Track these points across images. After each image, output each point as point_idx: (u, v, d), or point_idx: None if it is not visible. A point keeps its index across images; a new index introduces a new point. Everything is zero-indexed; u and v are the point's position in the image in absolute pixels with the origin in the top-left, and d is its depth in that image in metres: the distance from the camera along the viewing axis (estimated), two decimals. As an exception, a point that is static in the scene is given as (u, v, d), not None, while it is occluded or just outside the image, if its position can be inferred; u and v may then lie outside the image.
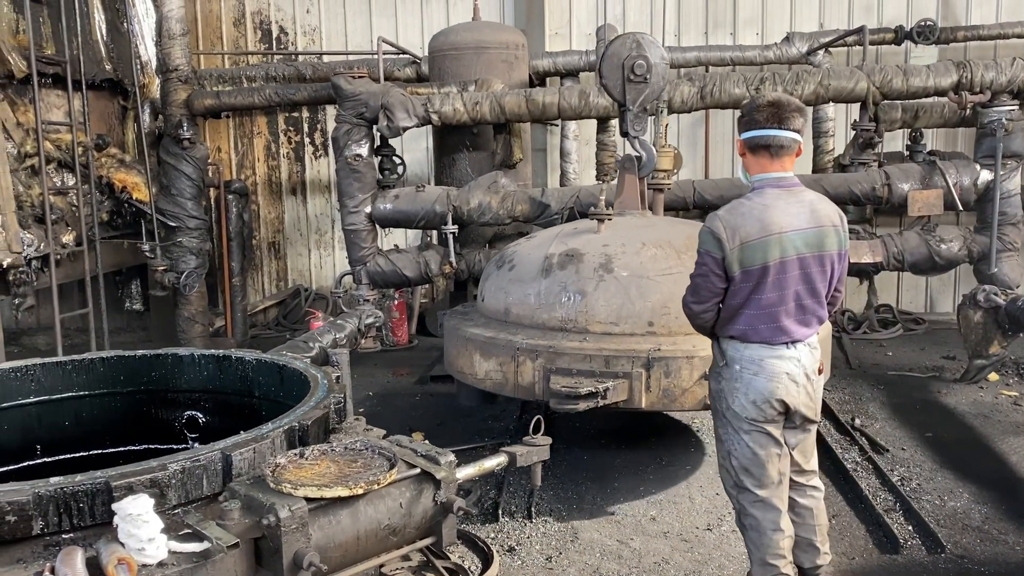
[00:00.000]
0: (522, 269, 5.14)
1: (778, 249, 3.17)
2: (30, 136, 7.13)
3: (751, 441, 3.31)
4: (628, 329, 4.64)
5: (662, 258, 4.77)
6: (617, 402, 4.45)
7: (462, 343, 5.21)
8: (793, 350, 3.24)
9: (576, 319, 4.75)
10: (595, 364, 4.54)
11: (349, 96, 7.20)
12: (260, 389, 4.46)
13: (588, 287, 4.75)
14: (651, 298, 4.64)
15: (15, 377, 4.40)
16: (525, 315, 4.97)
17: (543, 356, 4.67)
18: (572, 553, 4.22)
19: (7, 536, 2.63)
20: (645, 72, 5.33)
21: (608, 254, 4.83)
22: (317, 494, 2.44)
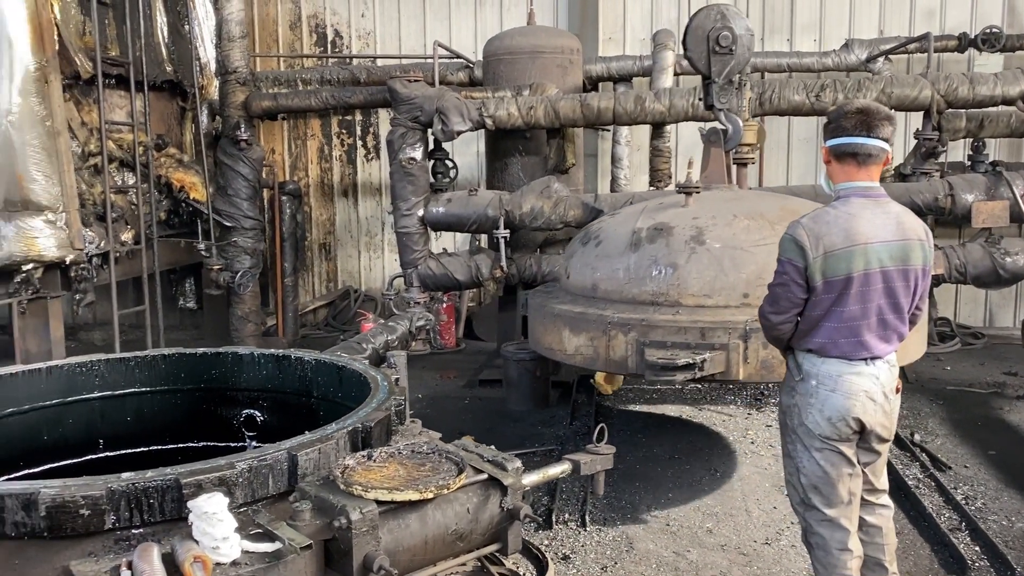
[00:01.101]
0: (609, 244, 5.12)
1: (863, 260, 3.07)
2: (94, 135, 7.28)
3: (822, 459, 3.21)
4: (722, 301, 4.58)
5: (755, 229, 4.70)
6: (714, 374, 4.42)
7: (550, 320, 5.20)
8: (872, 367, 3.14)
9: (668, 292, 4.70)
10: (690, 336, 4.48)
11: (404, 100, 7.24)
12: (319, 389, 4.49)
13: (679, 260, 4.70)
14: (745, 269, 4.57)
15: (80, 372, 4.47)
16: (614, 290, 4.93)
17: (636, 330, 4.63)
18: (628, 563, 4.17)
19: (80, 530, 2.67)
20: (730, 43, 5.28)
21: (699, 226, 4.79)
22: (388, 497, 2.43)
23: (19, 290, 6.70)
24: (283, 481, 2.90)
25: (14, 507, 2.63)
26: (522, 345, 7.29)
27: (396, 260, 10.27)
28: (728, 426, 6.22)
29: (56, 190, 6.65)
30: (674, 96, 7.13)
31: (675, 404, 6.80)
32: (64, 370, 4.43)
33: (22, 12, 6.45)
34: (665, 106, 7.09)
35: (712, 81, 5.37)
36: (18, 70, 6.46)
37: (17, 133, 6.48)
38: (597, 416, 6.46)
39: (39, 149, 6.56)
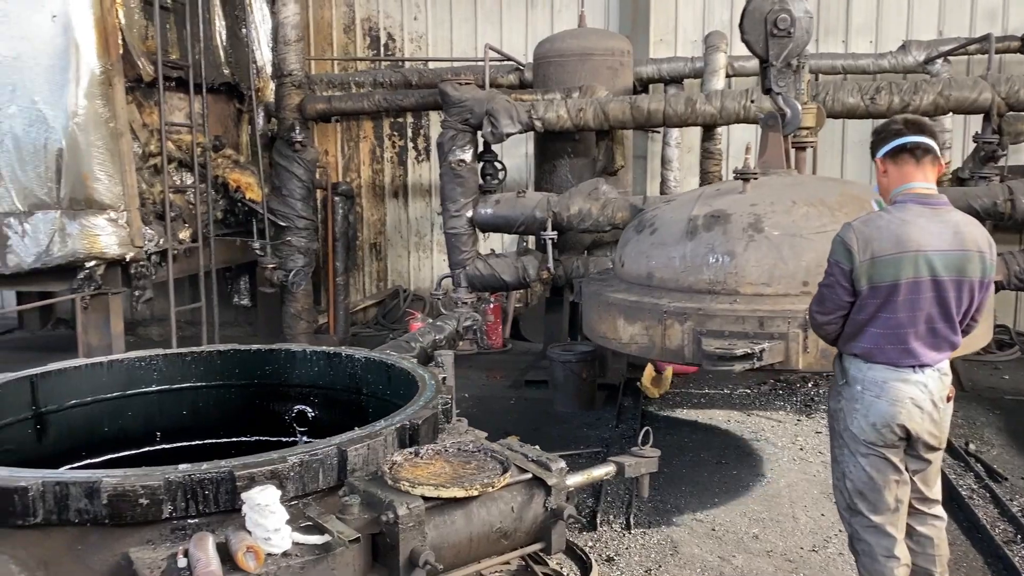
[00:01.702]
0: (664, 232, 5.04)
1: (912, 268, 3.03)
2: (154, 137, 7.50)
3: (868, 465, 3.19)
4: (781, 290, 4.49)
5: (815, 216, 4.60)
6: (773, 363, 4.33)
7: (604, 308, 5.16)
8: (920, 375, 3.10)
9: (725, 281, 4.61)
10: (748, 326, 4.40)
11: (455, 102, 7.31)
12: (368, 387, 4.57)
13: (737, 248, 4.61)
14: (805, 257, 4.47)
15: (140, 366, 4.62)
16: (670, 278, 4.86)
17: (692, 319, 4.56)
18: (672, 567, 4.17)
19: (139, 518, 2.76)
20: (788, 26, 5.22)
21: (757, 213, 4.69)
22: (434, 493, 2.48)
23: (82, 286, 6.94)
24: (332, 476, 2.98)
25: (78, 495, 2.73)
26: (569, 347, 7.31)
27: (445, 260, 10.38)
28: (777, 432, 6.16)
29: (118, 189, 6.88)
30: (725, 98, 7.08)
31: (723, 409, 6.75)
32: (124, 364, 4.58)
33: (89, 18, 6.69)
34: (716, 108, 7.04)
35: (770, 64, 5.30)
36: (84, 74, 6.70)
37: (83, 134, 6.72)
38: (643, 419, 6.45)
39: (103, 150, 6.80)
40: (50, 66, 6.68)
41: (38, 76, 6.70)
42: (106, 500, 2.72)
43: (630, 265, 5.25)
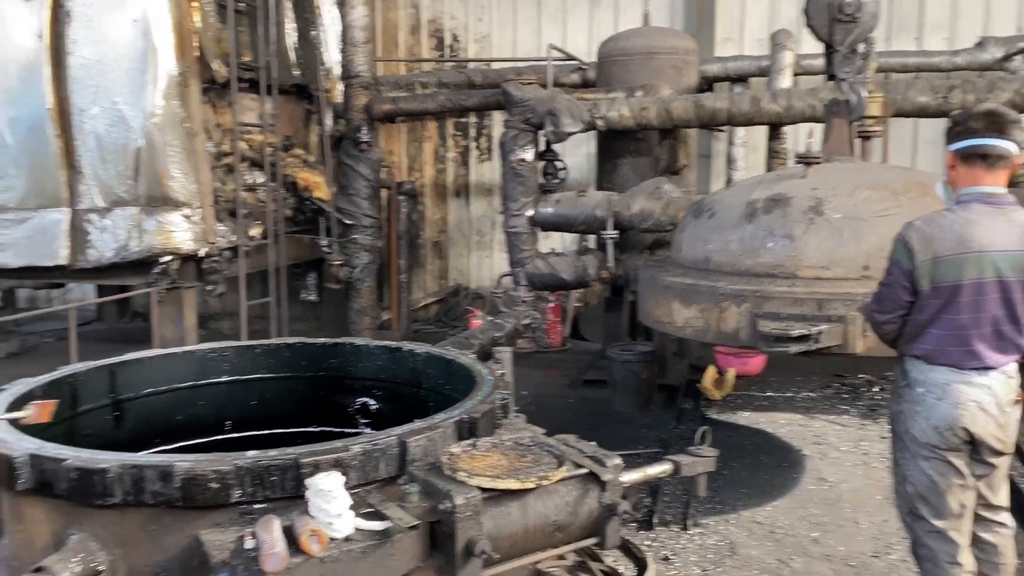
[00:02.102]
0: (723, 216, 4.99)
1: (975, 268, 2.97)
2: (227, 136, 7.74)
3: (930, 468, 3.14)
4: (841, 273, 4.41)
5: (878, 199, 4.50)
6: (831, 347, 4.26)
7: (660, 292, 5.14)
8: (985, 377, 3.03)
9: (784, 264, 4.55)
10: (806, 308, 4.33)
11: (518, 102, 7.37)
12: (428, 381, 4.66)
13: (797, 231, 4.54)
14: (866, 240, 4.38)
15: (212, 358, 4.79)
16: (727, 262, 4.81)
17: (749, 301, 4.51)
18: (729, 568, 4.15)
19: (209, 502, 2.89)
20: (854, 10, 5.11)
21: (818, 197, 4.61)
22: (490, 484, 2.54)
23: (157, 280, 7.21)
24: (393, 465, 3.06)
25: (153, 477, 2.87)
26: (628, 346, 7.31)
27: (505, 259, 10.46)
28: (841, 436, 6.06)
29: (193, 187, 7.13)
30: (792, 97, 6.98)
31: (786, 412, 6.67)
32: (197, 355, 4.76)
33: (167, 22, 6.95)
34: (783, 107, 6.95)
35: (835, 50, 5.18)
36: (162, 76, 6.97)
37: (160, 134, 6.98)
38: (703, 421, 6.42)
39: (179, 149, 7.05)
40: (130, 68, 6.96)
41: (119, 78, 6.99)
42: (179, 483, 2.85)
43: (687, 249, 5.21)
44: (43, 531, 3.13)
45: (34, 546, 3.16)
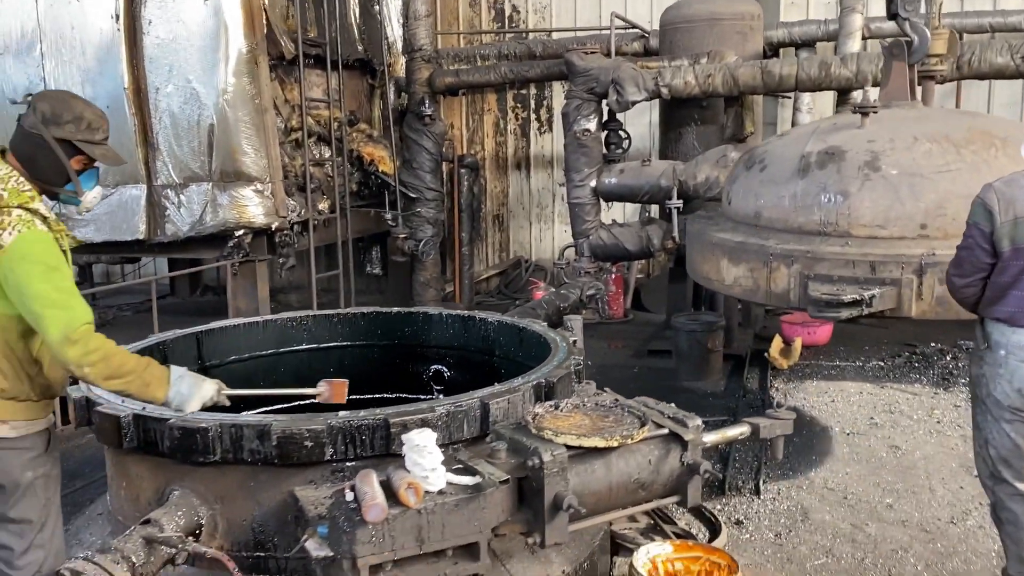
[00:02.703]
0: (775, 169, 4.82)
1: None
2: (295, 112, 7.90)
3: (1012, 431, 3.13)
4: (897, 232, 4.24)
5: (938, 153, 4.29)
6: (883, 311, 4.14)
7: (708, 248, 5.05)
8: None
9: (837, 222, 4.38)
10: (859, 270, 4.19)
11: (581, 72, 7.36)
12: (500, 349, 4.75)
13: (851, 187, 4.36)
14: (924, 198, 4.21)
15: (292, 326, 4.96)
16: (778, 218, 4.66)
17: (799, 261, 4.39)
18: (802, 532, 4.17)
19: (304, 459, 3.03)
20: None
21: (874, 151, 4.41)
22: (576, 442, 2.61)
23: (231, 253, 7.43)
24: (476, 426, 3.17)
25: (251, 436, 3.02)
26: (694, 316, 7.30)
27: (565, 231, 10.49)
28: (912, 404, 5.99)
29: (264, 162, 7.30)
30: (862, 61, 6.84)
31: (855, 381, 6.60)
32: (278, 324, 4.93)
33: (237, 0, 7.09)
34: (852, 72, 6.82)
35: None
36: (233, 53, 7.13)
37: (231, 111, 7.16)
38: (771, 389, 6.40)
39: (250, 125, 7.22)
40: (202, 46, 7.14)
41: (191, 56, 7.18)
42: (275, 442, 2.99)
43: (737, 203, 5.05)
44: (147, 487, 3.31)
45: (139, 501, 3.35)
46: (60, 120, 2.54)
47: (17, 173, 2.53)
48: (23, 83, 7.64)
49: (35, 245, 2.44)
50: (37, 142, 2.54)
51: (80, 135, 2.57)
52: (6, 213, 2.43)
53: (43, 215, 2.51)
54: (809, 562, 3.90)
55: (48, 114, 2.55)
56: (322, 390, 3.15)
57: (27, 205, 2.47)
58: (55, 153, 2.54)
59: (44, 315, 2.41)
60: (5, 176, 2.49)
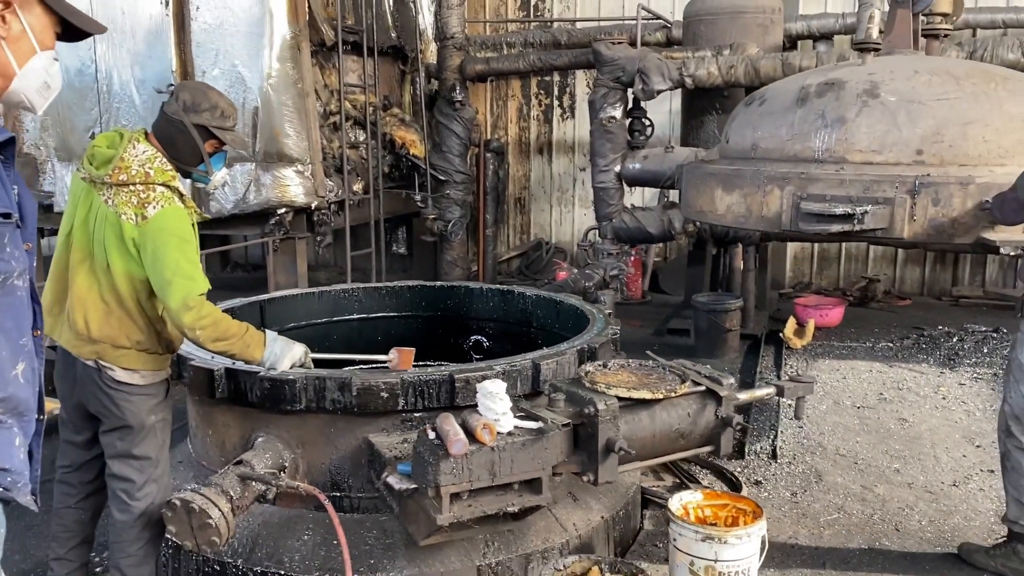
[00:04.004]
0: (774, 102, 4.84)
1: None
2: (333, 96, 8.24)
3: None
4: (892, 158, 4.26)
5: (937, 83, 4.32)
6: (875, 229, 4.14)
7: (702, 180, 5.04)
8: None
9: (833, 148, 4.37)
10: (852, 189, 4.20)
11: (608, 61, 7.67)
12: (537, 321, 5.13)
13: (849, 113, 4.37)
14: (922, 124, 4.23)
15: (343, 297, 5.34)
16: (775, 148, 4.66)
17: (793, 183, 4.39)
18: (816, 492, 4.54)
19: (380, 409, 3.41)
20: None
21: (874, 80, 4.43)
22: (626, 394, 2.98)
23: (273, 231, 7.80)
24: (528, 384, 3.55)
25: (332, 387, 3.40)
26: (713, 296, 7.65)
27: (585, 215, 10.83)
28: (919, 382, 6.33)
29: (304, 144, 7.65)
30: (878, 55, 7.13)
31: (865, 361, 6.94)
32: (332, 295, 5.32)
33: (281, -12, 7.43)
34: (868, 65, 7.11)
35: None
36: (277, 39, 7.47)
37: (275, 94, 7.51)
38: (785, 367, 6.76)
39: (292, 109, 7.57)
40: (248, 32, 7.48)
41: (237, 41, 7.52)
42: (355, 392, 3.37)
43: (735, 139, 5.07)
44: (233, 434, 3.70)
45: (224, 447, 3.74)
46: (199, 108, 2.92)
47: (160, 154, 2.90)
48: (75, 65, 8.01)
49: (174, 220, 2.83)
50: (178, 127, 2.92)
51: (215, 122, 2.94)
52: (152, 189, 2.81)
53: (181, 193, 2.89)
54: (823, 516, 4.27)
55: (189, 102, 2.92)
56: (392, 357, 3.53)
57: (169, 183, 2.85)
58: (193, 137, 2.91)
59: (173, 282, 2.79)
60: (152, 156, 2.87)
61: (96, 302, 2.90)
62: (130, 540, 3.10)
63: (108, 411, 2.97)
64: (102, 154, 2.89)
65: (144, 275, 2.87)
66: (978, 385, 6.26)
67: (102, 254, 2.86)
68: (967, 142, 4.20)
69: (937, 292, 9.74)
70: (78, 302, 2.91)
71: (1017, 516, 3.59)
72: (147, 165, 2.85)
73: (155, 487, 3.10)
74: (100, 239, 2.86)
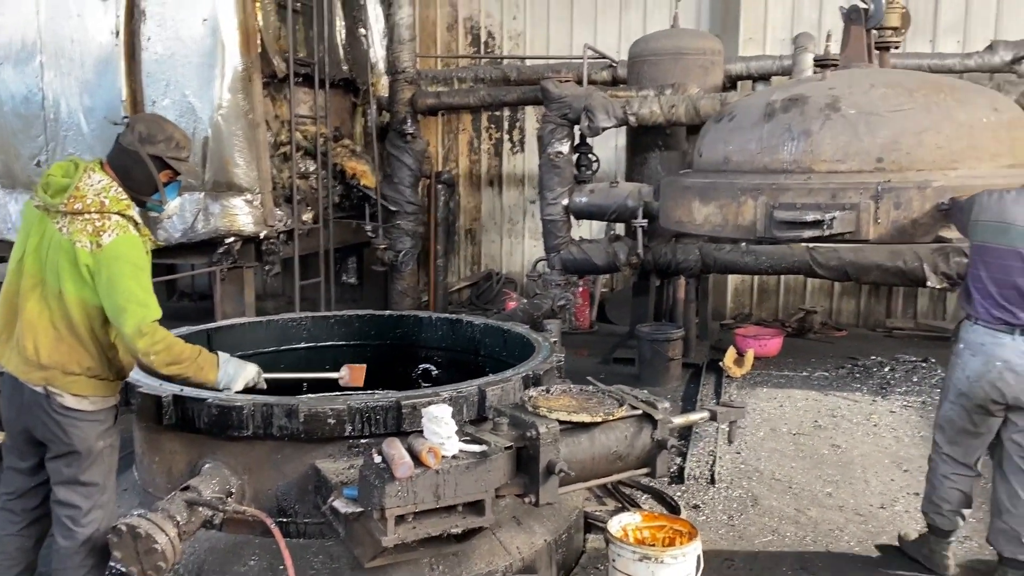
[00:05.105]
0: (742, 118, 5.17)
1: (1005, 236, 3.56)
2: (284, 127, 8.32)
3: (951, 409, 3.85)
4: (855, 166, 4.57)
5: (892, 96, 4.67)
6: (843, 233, 4.43)
7: (679, 193, 5.35)
8: (1016, 340, 3.56)
9: (800, 159, 4.69)
10: (821, 197, 4.51)
11: (556, 98, 7.90)
12: (485, 349, 5.24)
13: (813, 127, 4.68)
14: (880, 134, 4.56)
15: (291, 326, 5.40)
16: (745, 161, 4.96)
17: (766, 193, 4.70)
18: (752, 515, 4.71)
19: (326, 435, 3.48)
20: None
21: (835, 95, 4.76)
22: (567, 418, 3.11)
23: (220, 260, 7.80)
24: (474, 410, 3.65)
25: (280, 414, 3.47)
26: (656, 327, 7.86)
27: (534, 246, 11.02)
28: (853, 410, 6.59)
29: (254, 174, 7.69)
30: (812, 97, 7.47)
31: (802, 389, 7.20)
32: (279, 324, 5.37)
33: (234, 20, 7.50)
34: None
35: None
36: (229, 70, 7.53)
37: (226, 124, 7.55)
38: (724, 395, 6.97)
39: (242, 139, 7.61)
40: (199, 63, 7.52)
41: (189, 72, 7.56)
42: (302, 419, 3.44)
43: (707, 153, 5.38)
44: (180, 461, 3.73)
45: (171, 474, 3.77)
46: (155, 139, 3.00)
47: (115, 184, 2.97)
48: (22, 91, 7.97)
49: (129, 247, 2.89)
50: (133, 158, 2.99)
51: (170, 152, 3.03)
52: (107, 218, 2.88)
53: (136, 221, 2.96)
54: (758, 539, 4.43)
55: (145, 134, 3.00)
56: (344, 373, 3.61)
57: (124, 212, 2.92)
58: (148, 167, 2.99)
59: (127, 308, 2.85)
60: (107, 186, 2.94)
61: (47, 328, 2.94)
62: (74, 567, 3.11)
63: (56, 437, 3.00)
64: (57, 183, 2.95)
65: (97, 302, 2.92)
66: (908, 412, 6.54)
67: (55, 281, 2.91)
68: (922, 149, 4.54)
69: (871, 323, 10.11)
70: (28, 328, 2.95)
71: (927, 509, 4.05)
72: (102, 194, 2.91)
73: (101, 513, 3.12)
74: (53, 266, 2.91)
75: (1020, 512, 3.72)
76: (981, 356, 3.64)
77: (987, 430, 3.79)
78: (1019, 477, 3.71)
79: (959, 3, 9.64)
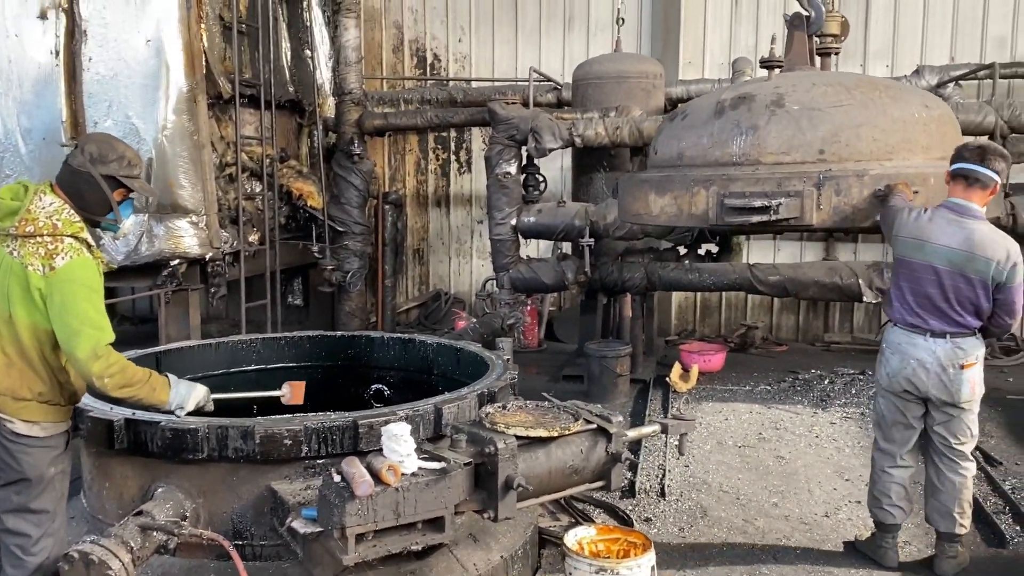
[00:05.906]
0: (694, 116, 5.43)
1: (921, 253, 3.95)
2: (229, 148, 8.25)
3: (882, 404, 4.23)
4: (799, 158, 4.90)
5: (832, 93, 5.00)
6: (788, 218, 4.75)
7: (637, 186, 5.63)
8: (929, 342, 3.96)
9: (748, 152, 5.00)
10: (767, 186, 4.84)
11: (503, 120, 8.02)
12: (439, 368, 5.27)
13: (760, 122, 5.00)
14: (822, 128, 4.88)
15: (241, 348, 5.36)
16: (698, 155, 5.26)
17: (716, 183, 5.01)
18: (702, 527, 4.82)
19: (283, 456, 3.48)
20: None
21: (780, 93, 5.10)
22: (524, 433, 3.17)
23: (165, 282, 7.69)
24: (431, 428, 3.69)
25: (235, 436, 3.45)
26: (604, 344, 7.98)
27: (483, 266, 11.09)
28: (795, 422, 6.78)
29: (199, 196, 7.63)
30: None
31: (746, 403, 7.37)
32: (229, 346, 5.32)
33: (178, 42, 7.47)
34: (741, 128, 7.69)
35: None
36: (173, 91, 7.47)
37: (170, 146, 7.48)
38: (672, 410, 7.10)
39: (187, 160, 7.55)
40: (143, 84, 7.45)
41: (132, 93, 7.47)
42: (258, 440, 3.44)
43: (662, 150, 5.68)
44: (132, 486, 3.68)
45: (123, 499, 3.71)
46: (106, 159, 2.98)
47: (67, 206, 2.94)
48: (-44, 112, 7.76)
49: (82, 270, 2.87)
50: (85, 178, 2.97)
51: (123, 171, 3.01)
52: (60, 241, 2.85)
53: (89, 244, 2.93)
54: (708, 550, 4.53)
55: (95, 154, 2.98)
56: (285, 391, 3.63)
57: (78, 235, 2.89)
58: (101, 188, 2.97)
59: (81, 332, 2.82)
60: (59, 208, 2.91)
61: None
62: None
63: (6, 464, 2.94)
64: (6, 206, 2.91)
65: (48, 326, 2.88)
66: (847, 424, 6.75)
67: (4, 306, 2.87)
68: (860, 142, 4.87)
69: (810, 338, 10.41)
70: (-24, 354, 2.89)
71: (870, 504, 4.36)
72: (54, 217, 2.89)
73: (51, 541, 3.07)
74: (3, 290, 2.87)
75: (947, 489, 4.13)
76: (899, 355, 4.06)
77: (916, 421, 4.15)
78: (943, 460, 4.13)
79: (887, 29, 10.06)
